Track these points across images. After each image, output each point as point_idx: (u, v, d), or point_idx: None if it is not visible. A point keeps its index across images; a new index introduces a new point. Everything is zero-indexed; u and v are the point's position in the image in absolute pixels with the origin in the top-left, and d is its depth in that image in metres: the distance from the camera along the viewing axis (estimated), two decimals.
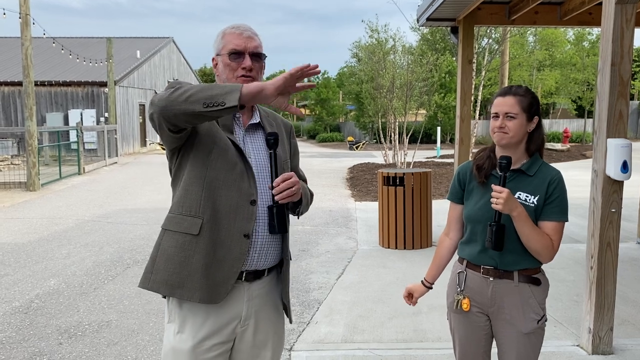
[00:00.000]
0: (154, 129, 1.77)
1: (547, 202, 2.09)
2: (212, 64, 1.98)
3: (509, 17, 6.46)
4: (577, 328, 4.10)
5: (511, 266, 2.12)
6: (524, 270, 2.13)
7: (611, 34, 3.51)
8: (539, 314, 2.14)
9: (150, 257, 1.91)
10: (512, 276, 2.12)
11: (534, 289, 2.13)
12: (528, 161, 2.15)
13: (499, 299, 2.15)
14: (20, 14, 12.56)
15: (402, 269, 5.87)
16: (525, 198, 2.10)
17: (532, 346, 2.16)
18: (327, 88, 41.32)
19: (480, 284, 2.18)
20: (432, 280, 2.41)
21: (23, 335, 4.24)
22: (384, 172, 6.83)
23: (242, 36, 1.91)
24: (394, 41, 15.52)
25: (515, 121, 2.10)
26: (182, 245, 1.84)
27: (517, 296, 2.13)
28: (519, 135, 2.12)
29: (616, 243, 3.66)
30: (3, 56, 25.85)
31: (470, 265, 2.21)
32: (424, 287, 2.42)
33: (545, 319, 2.18)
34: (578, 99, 29.50)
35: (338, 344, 3.96)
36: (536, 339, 2.16)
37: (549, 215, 2.09)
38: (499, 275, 2.13)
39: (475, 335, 2.24)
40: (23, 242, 7.34)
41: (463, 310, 2.22)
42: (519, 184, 2.13)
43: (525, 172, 2.13)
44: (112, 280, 5.63)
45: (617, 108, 3.55)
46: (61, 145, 15.63)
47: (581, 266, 5.83)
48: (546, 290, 2.19)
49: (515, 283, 2.12)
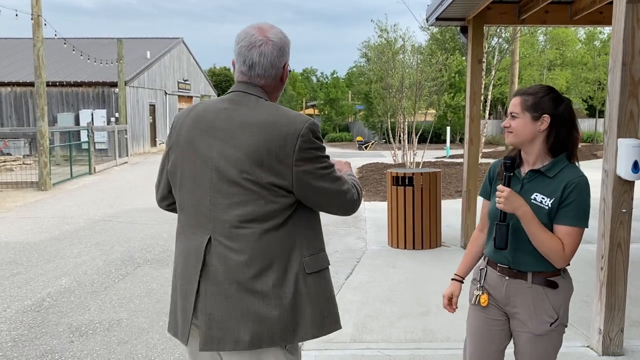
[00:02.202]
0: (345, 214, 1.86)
1: (561, 205, 2.04)
2: (285, 65, 1.87)
3: (518, 17, 6.43)
4: (588, 329, 4.08)
5: (524, 267, 2.11)
6: (540, 272, 2.10)
7: (622, 34, 3.49)
8: (552, 316, 2.10)
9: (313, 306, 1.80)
10: (525, 277, 2.11)
11: (549, 291, 2.10)
12: (550, 162, 2.11)
13: (512, 298, 2.15)
14: (32, 15, 12.68)
15: (411, 269, 5.87)
16: (541, 200, 2.07)
17: (545, 349, 2.13)
18: (336, 88, 41.34)
19: (497, 282, 2.18)
20: (464, 275, 2.40)
21: (35, 333, 4.28)
22: (393, 172, 6.83)
23: None
24: (403, 41, 15.49)
25: (518, 120, 2.10)
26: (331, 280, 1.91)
27: (529, 297, 2.11)
28: (524, 135, 2.10)
29: (627, 244, 3.64)
30: (15, 57, 26.10)
31: (490, 262, 2.23)
32: (457, 282, 2.39)
33: (561, 323, 2.13)
34: (589, 98, 29.28)
35: (347, 343, 3.97)
36: (550, 341, 2.13)
37: (562, 219, 2.04)
38: (513, 275, 2.13)
39: (489, 332, 2.23)
40: (35, 241, 7.41)
41: (481, 305, 2.23)
42: (537, 185, 2.10)
43: (544, 173, 2.10)
44: (122, 279, 5.67)
45: (627, 108, 3.53)
46: (72, 145, 15.76)
47: (591, 267, 5.80)
48: (565, 294, 2.14)
49: (528, 284, 2.11)
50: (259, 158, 1.69)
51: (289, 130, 1.71)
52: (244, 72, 1.82)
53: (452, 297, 2.37)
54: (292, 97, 47.29)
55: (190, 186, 1.80)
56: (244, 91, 1.81)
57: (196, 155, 1.78)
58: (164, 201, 1.98)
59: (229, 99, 1.81)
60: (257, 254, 1.70)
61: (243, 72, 1.82)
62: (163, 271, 5.94)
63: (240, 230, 1.71)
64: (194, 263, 1.78)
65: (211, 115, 1.79)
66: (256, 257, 1.70)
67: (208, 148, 1.76)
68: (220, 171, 1.73)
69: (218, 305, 1.72)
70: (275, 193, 1.71)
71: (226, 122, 1.75)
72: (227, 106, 1.79)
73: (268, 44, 1.79)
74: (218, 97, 1.86)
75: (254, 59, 1.80)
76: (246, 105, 1.77)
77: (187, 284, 1.80)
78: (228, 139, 1.73)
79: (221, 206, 1.73)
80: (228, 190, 1.72)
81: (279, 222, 1.73)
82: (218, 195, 1.74)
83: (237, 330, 1.70)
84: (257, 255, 1.70)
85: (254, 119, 1.72)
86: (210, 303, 1.73)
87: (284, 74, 1.87)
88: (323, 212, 1.82)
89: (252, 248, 1.70)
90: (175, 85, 29.79)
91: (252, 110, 1.75)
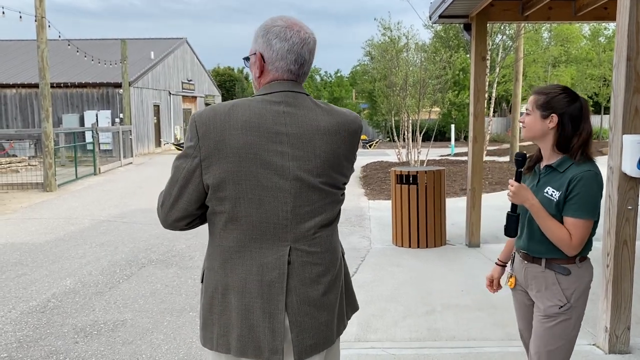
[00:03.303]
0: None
1: (567, 198, 2.19)
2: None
3: (522, 13, 6.39)
4: (594, 327, 4.05)
5: (538, 254, 2.29)
6: (553, 259, 2.26)
7: (626, 29, 3.45)
8: (562, 300, 2.24)
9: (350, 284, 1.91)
10: (540, 262, 2.29)
11: (561, 277, 2.25)
12: (560, 158, 2.26)
13: (529, 281, 2.35)
14: (36, 16, 12.71)
15: (415, 268, 5.85)
16: (552, 193, 2.23)
17: (554, 333, 2.25)
18: (340, 87, 41.30)
19: (519, 266, 2.41)
20: (505, 260, 2.62)
21: (40, 334, 4.29)
22: (397, 171, 6.80)
23: None
24: (407, 39, 15.45)
25: (530, 117, 2.29)
26: None
27: (541, 280, 2.29)
28: (535, 131, 2.28)
29: (633, 241, 3.61)
30: (20, 59, 26.20)
31: (517, 249, 2.45)
32: (498, 266, 2.63)
33: (572, 307, 2.24)
34: (594, 95, 29.15)
35: (351, 342, 3.95)
36: (559, 326, 2.24)
37: (568, 211, 2.19)
38: (530, 260, 2.33)
39: (521, 311, 2.49)
40: (40, 242, 7.43)
41: (509, 287, 2.49)
42: (551, 179, 2.26)
43: (555, 168, 2.26)
44: (127, 279, 5.68)
45: (632, 104, 3.50)
46: (77, 146, 15.80)
47: (597, 264, 5.75)
48: (578, 282, 2.26)
49: (542, 269, 2.29)
50: (336, 162, 1.70)
51: (353, 128, 1.76)
52: (292, 71, 1.70)
53: (493, 279, 2.62)
54: None
55: (258, 198, 1.64)
56: (296, 91, 1.70)
57: (263, 165, 1.62)
58: (183, 220, 1.73)
59: (283, 101, 1.67)
60: (332, 254, 1.76)
61: (292, 71, 1.70)
62: (167, 271, 5.94)
63: (318, 236, 1.72)
64: (275, 278, 1.66)
65: (270, 121, 1.63)
66: (330, 259, 1.75)
67: (279, 157, 1.63)
68: (301, 180, 1.65)
69: (306, 314, 1.69)
70: (342, 192, 1.78)
71: (293, 127, 1.65)
72: (286, 109, 1.66)
73: (314, 42, 1.73)
74: (260, 99, 1.67)
75: (305, 57, 1.71)
76: (305, 107, 1.68)
77: (270, 301, 1.67)
78: (301, 146, 1.64)
79: (303, 215, 1.67)
80: (310, 198, 1.67)
81: (337, 219, 1.80)
82: (300, 204, 1.66)
83: (326, 332, 1.75)
84: (332, 255, 1.76)
85: (322, 122, 1.69)
86: (296, 313, 1.68)
87: None
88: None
89: (326, 251, 1.74)
90: (180, 86, 29.84)
91: (313, 112, 1.69)
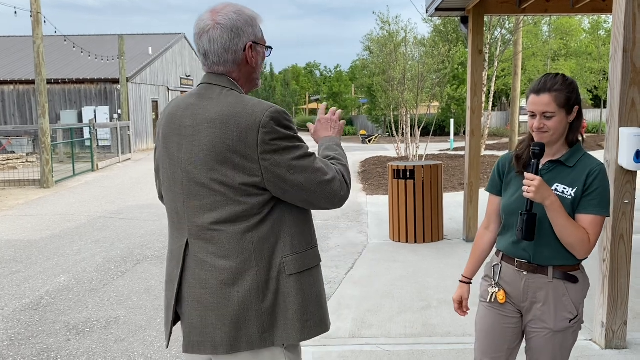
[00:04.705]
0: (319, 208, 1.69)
1: (585, 194, 1.99)
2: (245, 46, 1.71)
3: (519, 6, 6.33)
4: (590, 322, 4.01)
5: (546, 261, 2.04)
6: (560, 266, 2.04)
7: (623, 20, 3.40)
8: (572, 313, 2.05)
9: (293, 309, 1.68)
10: (546, 271, 2.04)
11: (570, 286, 2.04)
12: (568, 152, 2.06)
13: (532, 294, 2.08)
14: (32, 12, 12.64)
15: (412, 263, 5.81)
16: (563, 190, 2.01)
17: (561, 346, 2.08)
18: (340, 82, 41.25)
19: (514, 278, 2.11)
20: (472, 276, 2.33)
21: (32, 331, 4.25)
22: (394, 165, 6.76)
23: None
24: (405, 33, 15.37)
25: (555, 119, 2.01)
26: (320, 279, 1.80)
27: (550, 292, 2.05)
28: (560, 131, 2.03)
29: (629, 235, 3.57)
30: (18, 55, 26.11)
31: (505, 257, 2.15)
32: (465, 285, 2.32)
33: (580, 320, 2.08)
34: (594, 88, 29.06)
35: (346, 339, 3.92)
36: (565, 338, 2.07)
37: (587, 208, 1.98)
38: (533, 270, 2.06)
39: (503, 329, 2.17)
40: (35, 239, 7.39)
41: (499, 302, 2.16)
42: (557, 175, 2.05)
43: (564, 163, 2.05)
44: (121, 276, 5.64)
45: (629, 96, 3.45)
46: (75, 143, 15.75)
47: (594, 259, 5.72)
48: (584, 290, 2.09)
49: (549, 279, 2.04)
50: (221, 157, 1.58)
51: (248, 122, 1.57)
52: (202, 62, 1.73)
53: (462, 300, 2.32)
54: (295, 92, 47.21)
55: (168, 187, 1.74)
56: (208, 82, 1.71)
57: (169, 156, 1.71)
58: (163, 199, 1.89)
59: (197, 92, 1.71)
60: (232, 257, 1.62)
61: (202, 62, 1.73)
62: (162, 268, 5.90)
63: (215, 234, 1.62)
64: (175, 264, 1.74)
65: (180, 112, 1.70)
66: (232, 261, 1.61)
67: (178, 148, 1.67)
68: (189, 173, 1.64)
69: (196, 311, 1.67)
70: (247, 193, 1.60)
71: (191, 119, 1.65)
72: (194, 101, 1.68)
73: (216, 29, 1.66)
74: (189, 91, 1.77)
75: (205, 47, 1.68)
76: (210, 99, 1.66)
77: (171, 283, 1.76)
78: (193, 138, 1.63)
79: (194, 209, 1.65)
80: (198, 193, 1.64)
81: (255, 222, 1.62)
82: (190, 197, 1.66)
83: (214, 334, 1.65)
84: (233, 259, 1.61)
85: (213, 114, 1.61)
86: (189, 308, 1.68)
87: (247, 56, 1.71)
88: (307, 207, 1.70)
89: (228, 251, 1.62)
90: (178, 81, 29.75)
91: (213, 104, 1.64)
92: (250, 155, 1.58)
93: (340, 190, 1.69)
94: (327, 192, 1.65)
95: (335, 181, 1.67)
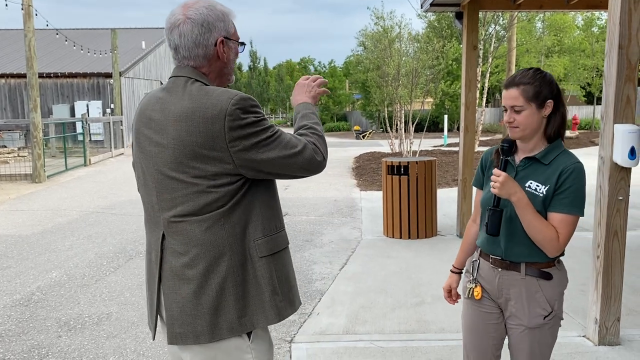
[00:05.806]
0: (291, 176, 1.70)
1: (556, 192, 1.97)
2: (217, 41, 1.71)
3: (514, 2, 6.31)
4: (584, 318, 4.01)
5: (517, 258, 2.04)
6: (533, 263, 2.04)
7: (618, 16, 3.39)
8: (546, 309, 2.04)
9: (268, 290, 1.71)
10: (518, 268, 2.05)
11: (543, 283, 2.04)
12: (545, 149, 2.04)
13: (505, 291, 2.09)
14: (23, 4, 12.51)
15: (406, 259, 5.80)
16: (536, 187, 2.00)
17: (539, 343, 2.07)
18: (334, 77, 41.17)
19: (489, 274, 2.13)
20: (461, 266, 2.37)
21: (23, 328, 4.21)
22: (388, 161, 6.74)
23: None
24: (400, 28, 15.34)
25: (524, 113, 1.99)
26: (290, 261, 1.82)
27: (522, 289, 2.05)
28: (533, 125, 2.00)
29: (623, 232, 3.57)
30: (9, 48, 25.87)
31: (482, 253, 2.17)
32: (455, 274, 2.37)
33: (555, 315, 2.06)
34: (587, 85, 29.17)
35: (339, 335, 3.90)
36: (542, 335, 2.06)
37: (557, 207, 1.97)
38: (506, 267, 2.07)
39: (485, 325, 2.18)
40: (27, 234, 7.33)
41: (475, 298, 2.18)
42: (532, 172, 2.04)
43: (539, 160, 2.03)
44: (114, 272, 5.60)
45: (624, 92, 3.44)
46: (67, 137, 15.64)
47: (588, 255, 5.73)
48: (560, 286, 2.07)
49: (521, 275, 2.04)
50: (189, 151, 1.59)
51: (214, 112, 1.58)
52: (173, 57, 1.74)
53: (451, 289, 2.36)
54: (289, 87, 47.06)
55: (142, 182, 1.76)
56: (176, 75, 1.72)
57: (141, 150, 1.72)
58: None
59: (166, 86, 1.72)
60: (207, 245, 1.64)
61: (173, 57, 1.74)
62: None
63: (187, 225, 1.65)
64: (154, 259, 1.76)
65: (150, 107, 1.71)
66: (206, 249, 1.64)
67: (149, 143, 1.69)
68: (160, 167, 1.66)
69: (174, 302, 1.69)
70: (219, 182, 1.62)
71: (160, 114, 1.66)
72: (162, 95, 1.69)
73: (187, 23, 1.67)
74: (161, 85, 1.79)
75: (176, 41, 1.69)
76: (176, 92, 1.67)
77: (151, 279, 1.80)
78: (161, 132, 1.65)
79: (166, 203, 1.67)
80: (170, 186, 1.65)
81: (227, 209, 1.64)
82: (162, 191, 1.67)
83: (195, 324, 1.67)
84: (207, 247, 1.64)
85: (179, 109, 1.62)
86: (169, 300, 1.70)
87: (218, 51, 1.71)
88: (286, 179, 1.73)
89: (202, 240, 1.64)
90: None
91: (177, 97, 1.65)
92: (219, 145, 1.59)
93: (316, 156, 1.71)
94: (299, 162, 1.68)
95: (307, 150, 1.69)
